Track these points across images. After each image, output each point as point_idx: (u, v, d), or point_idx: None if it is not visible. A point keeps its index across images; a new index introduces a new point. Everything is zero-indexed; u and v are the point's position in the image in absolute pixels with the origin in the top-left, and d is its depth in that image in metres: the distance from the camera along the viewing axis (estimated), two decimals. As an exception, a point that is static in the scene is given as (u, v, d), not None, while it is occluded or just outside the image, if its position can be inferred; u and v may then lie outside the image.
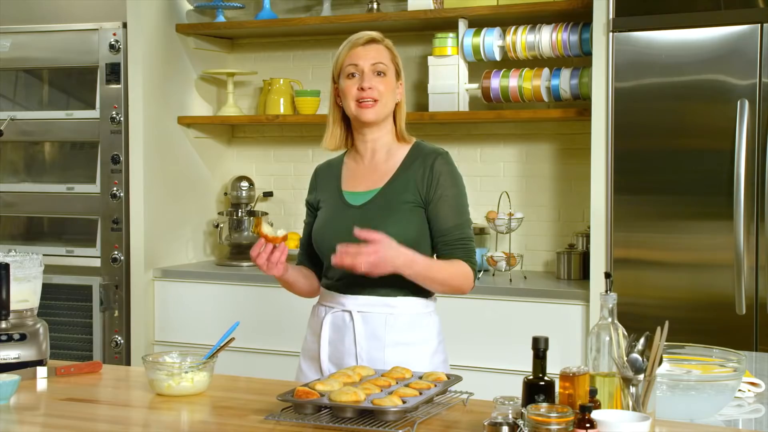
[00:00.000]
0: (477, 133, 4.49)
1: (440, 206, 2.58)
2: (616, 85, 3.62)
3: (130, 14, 4.47)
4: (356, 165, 2.69)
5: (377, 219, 2.55)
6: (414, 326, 2.60)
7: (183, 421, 2.23)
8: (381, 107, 2.59)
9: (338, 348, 2.62)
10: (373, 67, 2.59)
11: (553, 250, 4.34)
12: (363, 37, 2.63)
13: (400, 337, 2.58)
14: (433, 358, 2.63)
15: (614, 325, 2.03)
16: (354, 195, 2.64)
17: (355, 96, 2.58)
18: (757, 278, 3.43)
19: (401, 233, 2.51)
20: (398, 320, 2.59)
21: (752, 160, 3.42)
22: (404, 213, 2.57)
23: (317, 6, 4.75)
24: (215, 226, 4.76)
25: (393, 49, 2.67)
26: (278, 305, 4.24)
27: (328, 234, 2.62)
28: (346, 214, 2.61)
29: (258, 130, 4.96)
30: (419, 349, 2.60)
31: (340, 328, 2.62)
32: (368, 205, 2.60)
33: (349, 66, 2.60)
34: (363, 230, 2.42)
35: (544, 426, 1.79)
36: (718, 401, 2.16)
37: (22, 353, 2.57)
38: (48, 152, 4.79)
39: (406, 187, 2.59)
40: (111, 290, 4.53)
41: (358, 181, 2.67)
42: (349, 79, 2.60)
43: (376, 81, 2.59)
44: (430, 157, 2.61)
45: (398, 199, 2.58)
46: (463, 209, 2.62)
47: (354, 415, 2.07)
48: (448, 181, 2.60)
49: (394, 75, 2.64)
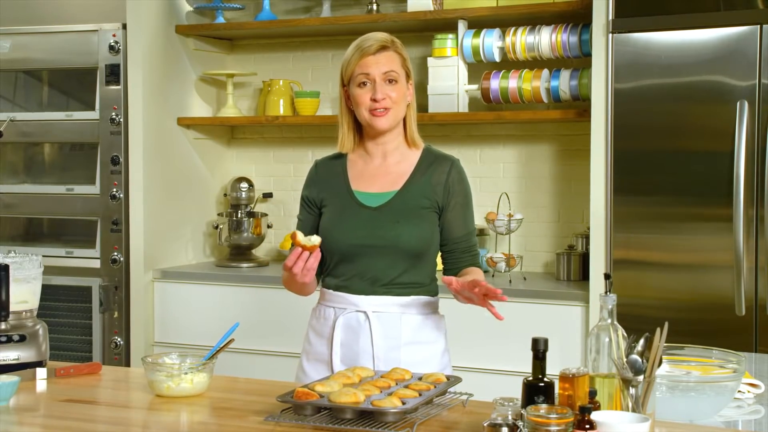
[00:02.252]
0: (476, 134, 4.49)
1: (454, 214, 2.65)
2: (616, 86, 3.62)
3: (130, 15, 4.47)
4: (365, 165, 2.70)
5: (396, 222, 2.59)
6: (425, 325, 2.66)
7: (182, 422, 2.23)
8: (394, 115, 2.62)
9: (352, 349, 2.62)
10: (385, 75, 2.60)
11: (552, 251, 4.34)
12: (373, 44, 2.61)
13: (414, 336, 2.63)
14: (443, 356, 2.69)
15: (614, 326, 2.03)
16: (367, 196, 2.65)
17: (368, 106, 2.60)
18: (756, 279, 3.43)
19: (418, 237, 2.59)
20: (411, 319, 2.63)
21: (752, 161, 3.42)
22: (421, 217, 2.61)
23: (317, 7, 4.76)
24: (215, 227, 4.76)
25: (403, 51, 2.67)
26: (278, 306, 4.24)
27: (343, 233, 2.62)
28: (361, 215, 2.63)
29: (258, 131, 4.96)
30: (432, 347, 2.66)
31: (354, 329, 2.62)
32: (385, 208, 2.62)
33: (360, 75, 2.60)
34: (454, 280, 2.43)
35: (544, 427, 1.79)
36: (717, 402, 2.16)
37: (22, 354, 2.56)
38: (47, 153, 4.79)
39: (423, 191, 2.63)
40: (110, 291, 4.53)
41: (369, 181, 2.67)
42: (361, 88, 2.61)
43: (388, 89, 2.60)
44: (445, 163, 2.67)
45: (416, 203, 2.62)
46: (472, 217, 2.70)
47: (353, 416, 2.07)
48: (462, 190, 2.67)
49: (405, 79, 2.65)
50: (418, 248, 2.60)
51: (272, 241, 4.90)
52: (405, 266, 2.60)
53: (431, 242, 2.63)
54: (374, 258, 2.60)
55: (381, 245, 2.59)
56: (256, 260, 4.66)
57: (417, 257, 2.61)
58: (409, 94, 2.67)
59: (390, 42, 2.64)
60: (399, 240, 2.58)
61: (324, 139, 4.77)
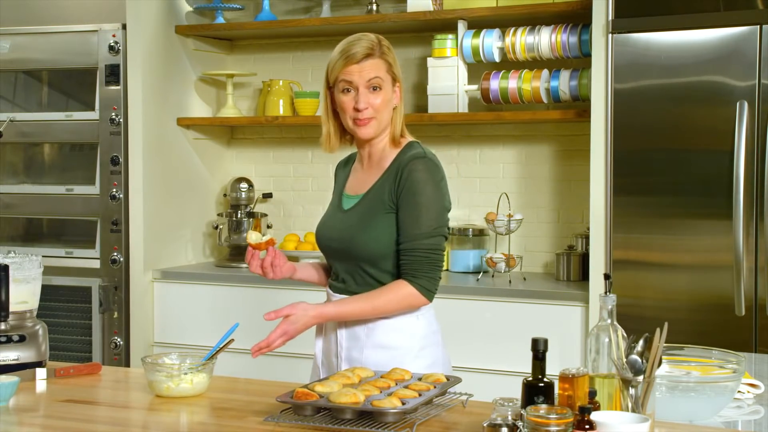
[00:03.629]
0: (476, 135, 4.49)
1: (401, 214, 2.54)
2: (616, 86, 3.62)
3: (130, 16, 4.47)
4: (358, 167, 2.72)
5: (356, 225, 2.59)
6: (396, 330, 2.58)
7: (182, 423, 2.23)
8: (377, 123, 2.58)
9: (327, 346, 2.68)
10: (369, 83, 2.54)
11: (552, 252, 4.34)
12: (358, 51, 2.54)
13: (381, 340, 2.58)
14: (414, 363, 2.55)
15: (613, 327, 2.03)
16: (348, 198, 2.67)
17: (352, 115, 2.57)
18: (756, 279, 3.43)
19: (370, 241, 2.55)
20: (379, 323, 2.58)
21: (751, 161, 3.42)
22: (380, 219, 2.56)
23: (316, 7, 4.76)
24: (214, 227, 4.76)
25: (389, 56, 2.59)
26: (277, 306, 4.23)
27: (320, 235, 2.70)
28: (336, 218, 2.66)
29: (257, 131, 4.96)
30: (398, 353, 2.56)
31: (330, 327, 2.66)
32: (351, 211, 2.63)
33: (343, 82, 2.56)
34: (270, 313, 2.52)
35: (544, 427, 1.79)
36: (717, 402, 2.16)
37: (22, 355, 2.57)
38: (47, 153, 4.79)
39: (382, 192, 2.57)
40: (110, 292, 4.53)
41: (355, 184, 2.69)
42: (345, 94, 2.57)
43: (371, 98, 2.55)
44: (405, 161, 2.56)
45: (376, 205, 2.58)
46: (422, 219, 2.52)
47: (353, 416, 2.07)
48: (413, 189, 2.53)
49: (391, 84, 2.59)
50: (373, 252, 2.54)
51: (272, 242, 4.89)
52: (367, 269, 2.57)
53: (388, 244, 2.54)
54: (340, 260, 2.63)
55: (341, 248, 2.60)
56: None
57: (377, 260, 2.55)
58: (396, 98, 2.61)
59: (377, 47, 2.57)
60: (352, 244, 2.56)
61: (324, 140, 4.77)
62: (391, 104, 2.61)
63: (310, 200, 4.85)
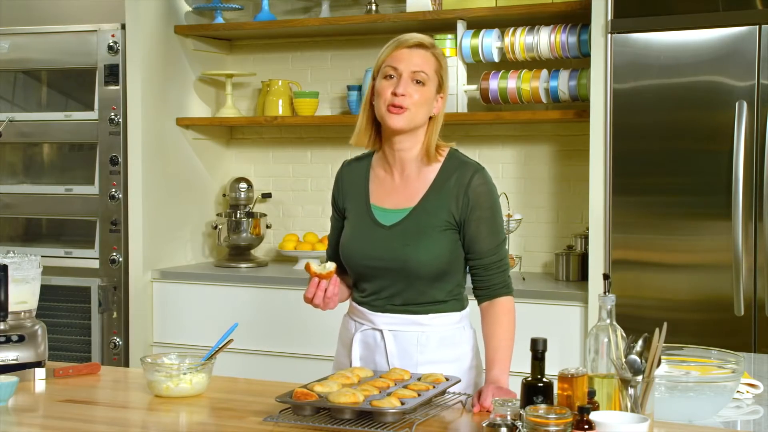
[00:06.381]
0: (475, 135, 4.49)
1: (478, 229, 2.48)
2: (615, 86, 3.62)
3: (129, 16, 4.47)
4: (385, 176, 2.56)
5: (407, 244, 2.46)
6: (446, 343, 2.51)
7: (181, 423, 2.23)
8: (410, 116, 2.44)
9: (369, 365, 2.52)
10: (413, 74, 2.43)
11: (551, 252, 4.34)
12: (411, 39, 2.46)
13: (433, 356, 2.49)
14: (469, 373, 2.53)
15: (613, 327, 2.03)
16: (383, 212, 2.52)
17: (388, 100, 2.43)
18: (755, 279, 3.43)
19: (430, 259, 2.45)
20: (430, 339, 2.50)
21: (750, 161, 3.42)
22: (435, 238, 2.46)
23: (316, 7, 4.76)
24: (214, 227, 4.76)
25: (441, 59, 2.50)
26: (277, 306, 4.24)
27: (357, 252, 2.53)
28: (375, 234, 2.51)
29: (257, 131, 4.96)
30: (453, 366, 2.48)
31: (370, 347, 2.54)
32: (398, 227, 2.49)
33: (388, 67, 2.45)
34: (477, 405, 2.26)
35: (543, 427, 1.79)
36: (716, 402, 2.16)
37: (21, 355, 2.56)
38: (46, 153, 4.79)
39: (438, 208, 2.47)
40: (109, 292, 4.53)
41: (387, 196, 2.54)
42: (386, 80, 2.45)
43: (412, 89, 2.43)
44: (466, 175, 2.48)
45: (430, 222, 2.46)
46: (500, 228, 2.53)
47: (352, 416, 2.07)
48: (486, 202, 2.49)
49: (435, 86, 2.48)
50: (432, 270, 2.45)
51: (271, 242, 4.90)
52: (422, 287, 2.48)
53: (449, 261, 2.48)
54: (388, 278, 2.49)
55: (393, 267, 2.46)
56: (255, 260, 4.66)
57: (434, 278, 2.47)
58: (437, 107, 2.50)
59: (430, 44, 2.49)
60: (408, 263, 2.45)
61: (323, 140, 4.78)
62: (430, 108, 2.48)
63: (309, 200, 4.85)
